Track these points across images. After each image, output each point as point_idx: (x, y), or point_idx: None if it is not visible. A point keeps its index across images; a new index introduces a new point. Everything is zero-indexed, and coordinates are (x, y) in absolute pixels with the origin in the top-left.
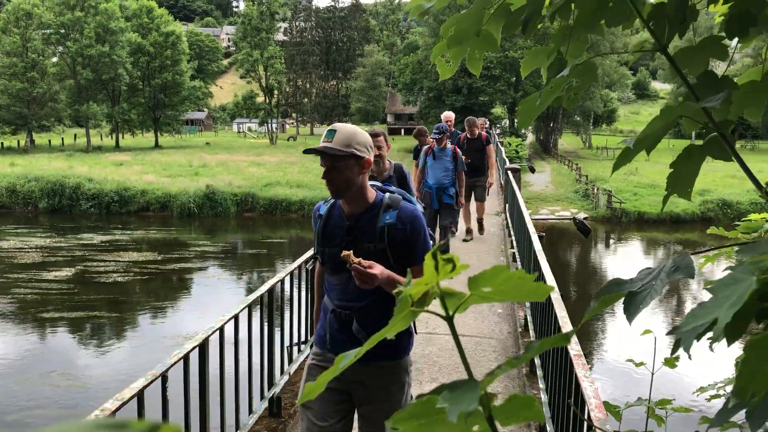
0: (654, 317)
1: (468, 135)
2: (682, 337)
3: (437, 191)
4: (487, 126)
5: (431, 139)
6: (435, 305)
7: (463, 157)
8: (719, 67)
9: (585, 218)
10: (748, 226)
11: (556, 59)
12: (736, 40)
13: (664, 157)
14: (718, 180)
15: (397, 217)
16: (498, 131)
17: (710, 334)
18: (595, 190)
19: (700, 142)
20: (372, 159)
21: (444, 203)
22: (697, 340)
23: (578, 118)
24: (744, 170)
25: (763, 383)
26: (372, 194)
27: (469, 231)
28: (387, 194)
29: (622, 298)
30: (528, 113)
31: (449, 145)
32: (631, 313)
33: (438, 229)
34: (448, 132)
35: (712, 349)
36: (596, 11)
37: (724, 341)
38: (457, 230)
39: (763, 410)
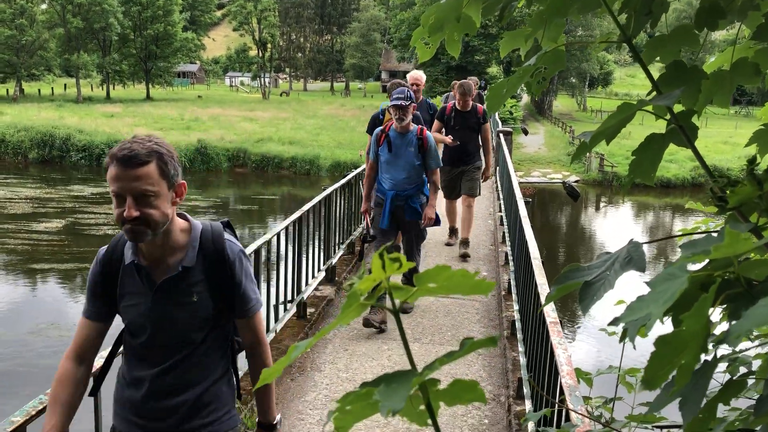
0: (634, 286)
1: (458, 105)
2: (628, 328)
3: (394, 200)
4: (480, 88)
5: (391, 107)
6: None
7: (448, 139)
8: (709, 36)
9: (576, 182)
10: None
11: (533, 47)
12: None
13: (661, 122)
14: (711, 146)
15: None
16: None
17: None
18: (588, 153)
19: (720, 110)
20: None
21: (406, 220)
22: (647, 331)
23: (574, 80)
24: (699, 161)
25: (668, 374)
26: None
27: (453, 231)
28: None
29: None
30: (496, 99)
31: (413, 126)
32: (585, 304)
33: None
34: (413, 101)
35: (634, 347)
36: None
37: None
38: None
39: (664, 398)
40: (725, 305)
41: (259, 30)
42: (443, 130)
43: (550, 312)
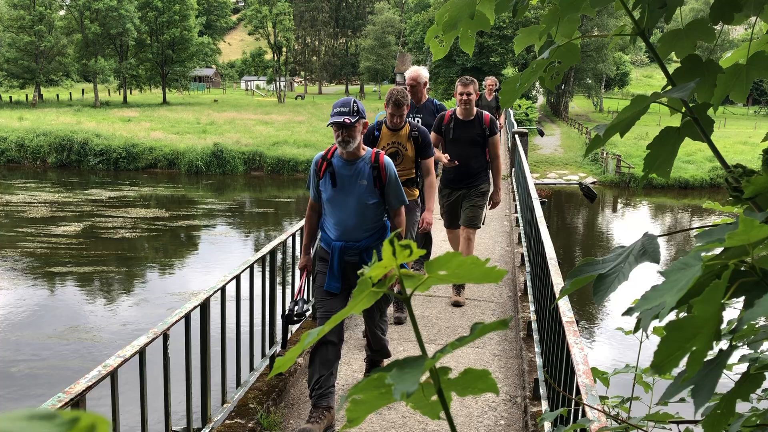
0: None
1: (459, 114)
2: (642, 317)
3: (344, 254)
4: (497, 90)
5: (332, 126)
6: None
7: (445, 158)
8: (735, 30)
9: (593, 183)
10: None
11: (546, 42)
12: None
13: (677, 122)
14: (729, 146)
15: None
16: None
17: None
18: (605, 155)
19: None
20: None
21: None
22: (660, 320)
23: (590, 81)
24: (714, 153)
25: (678, 360)
26: None
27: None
28: None
29: (593, 280)
30: (509, 94)
31: (366, 150)
32: (599, 296)
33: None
34: (362, 116)
35: (647, 336)
36: None
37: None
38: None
39: (676, 386)
40: (743, 299)
41: (275, 34)
42: (442, 144)
43: (566, 311)
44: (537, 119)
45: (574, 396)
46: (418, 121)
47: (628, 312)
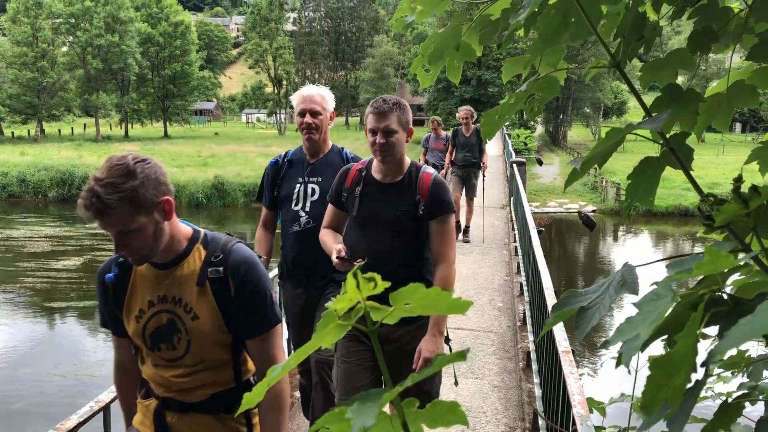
0: None
1: (376, 169)
2: (623, 351)
3: None
4: (476, 122)
5: None
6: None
7: (335, 252)
8: (726, 59)
9: (593, 211)
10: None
11: (531, 73)
12: None
13: None
14: (728, 173)
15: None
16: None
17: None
18: (604, 183)
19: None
20: None
21: None
22: (642, 351)
23: (588, 110)
24: (690, 182)
25: (664, 397)
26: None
27: None
28: None
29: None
30: (490, 126)
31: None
32: (581, 329)
33: None
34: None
35: (629, 370)
36: (559, 27)
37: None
38: None
39: (657, 417)
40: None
41: (275, 67)
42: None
43: (562, 341)
44: (536, 148)
45: (571, 427)
46: (311, 192)
47: (605, 345)
